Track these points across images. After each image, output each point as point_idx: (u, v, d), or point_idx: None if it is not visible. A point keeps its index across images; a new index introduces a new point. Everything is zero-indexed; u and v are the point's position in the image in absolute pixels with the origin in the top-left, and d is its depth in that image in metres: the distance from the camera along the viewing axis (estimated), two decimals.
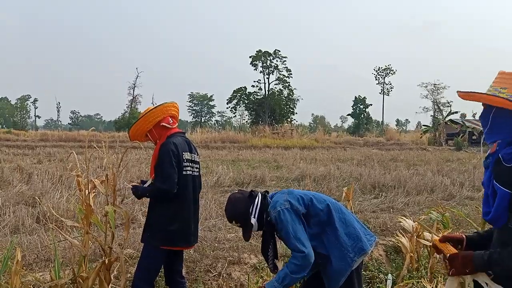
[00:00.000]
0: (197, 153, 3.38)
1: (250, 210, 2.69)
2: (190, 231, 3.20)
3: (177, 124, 3.35)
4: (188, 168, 3.19)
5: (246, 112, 58.92)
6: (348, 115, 65.87)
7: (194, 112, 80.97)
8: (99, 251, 3.75)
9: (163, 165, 3.06)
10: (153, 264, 3.14)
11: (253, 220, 2.68)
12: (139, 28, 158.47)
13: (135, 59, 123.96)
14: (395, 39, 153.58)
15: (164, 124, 3.21)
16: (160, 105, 3.28)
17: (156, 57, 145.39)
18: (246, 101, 58.34)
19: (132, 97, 54.75)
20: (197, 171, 3.31)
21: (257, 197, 2.74)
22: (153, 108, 3.25)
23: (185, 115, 78.71)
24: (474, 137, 38.20)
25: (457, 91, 1.84)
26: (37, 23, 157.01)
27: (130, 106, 53.75)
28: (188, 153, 3.23)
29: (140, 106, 52.67)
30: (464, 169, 14.05)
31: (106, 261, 3.28)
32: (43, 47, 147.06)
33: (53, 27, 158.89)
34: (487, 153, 1.89)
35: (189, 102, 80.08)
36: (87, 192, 3.28)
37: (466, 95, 1.81)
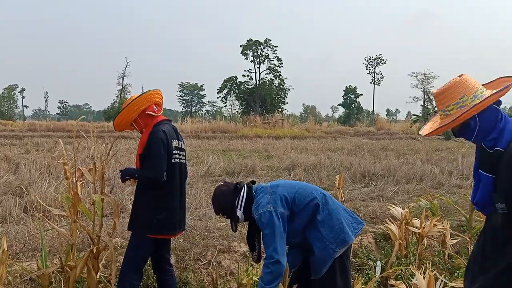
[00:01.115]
0: (183, 141, 3.35)
1: (236, 203, 2.72)
2: (176, 219, 3.18)
3: (161, 111, 3.30)
4: (176, 156, 3.16)
5: (236, 102, 58.76)
6: (339, 105, 65.93)
7: (184, 102, 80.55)
8: (87, 240, 3.72)
9: (153, 154, 3.02)
10: (141, 253, 3.12)
11: (239, 213, 2.72)
12: (129, 18, 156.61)
13: (124, 49, 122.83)
14: (387, 29, 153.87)
15: (149, 112, 3.17)
16: (144, 93, 3.23)
17: (145, 47, 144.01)
18: (237, 91, 58.10)
19: (121, 87, 54.27)
20: (184, 159, 3.29)
21: (243, 189, 2.75)
22: (137, 97, 3.20)
23: (176, 105, 78.51)
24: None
25: (425, 134, 1.93)
26: (24, 12, 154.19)
27: (119, 96, 53.24)
28: (176, 140, 3.20)
29: (129, 96, 52.11)
30: (452, 158, 14.17)
31: (94, 250, 3.26)
32: (30, 36, 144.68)
33: (40, 17, 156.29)
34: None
35: (180, 92, 79.68)
36: (74, 181, 3.24)
37: (439, 130, 1.84)
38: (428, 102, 43.52)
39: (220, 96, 59.94)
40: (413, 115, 46.35)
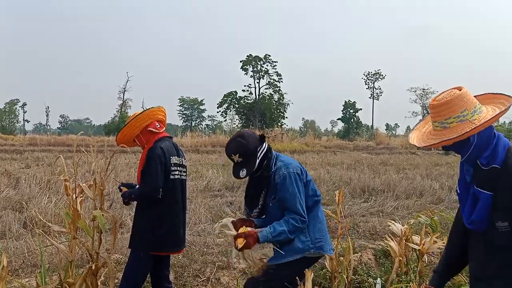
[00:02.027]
0: (184, 157, 3.37)
1: (257, 151, 2.66)
2: (178, 235, 3.19)
3: (164, 128, 3.34)
4: (176, 172, 3.18)
5: (236, 117, 58.97)
6: (338, 119, 65.99)
7: (184, 116, 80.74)
8: (86, 256, 3.70)
9: (149, 170, 3.05)
10: (140, 269, 3.12)
11: (255, 162, 2.63)
12: (131, 32, 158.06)
13: (126, 63, 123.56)
14: (386, 43, 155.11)
15: (151, 129, 3.20)
16: (147, 110, 3.28)
17: (147, 61, 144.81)
18: (237, 105, 58.40)
19: (122, 101, 54.48)
20: (184, 175, 3.30)
21: (265, 143, 2.74)
22: (139, 114, 3.24)
23: (176, 120, 78.57)
24: None
25: (423, 146, 1.90)
26: (24, 27, 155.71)
27: (120, 110, 53.42)
28: (176, 157, 3.22)
29: (130, 110, 52.36)
30: (452, 173, 14.17)
31: (93, 267, 3.24)
32: (31, 50, 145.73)
33: (41, 31, 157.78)
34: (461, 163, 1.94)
35: (180, 106, 79.95)
36: (74, 197, 3.25)
37: (443, 143, 1.79)
38: None
39: (220, 111, 60.27)
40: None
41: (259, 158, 2.66)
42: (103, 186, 3.29)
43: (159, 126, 3.26)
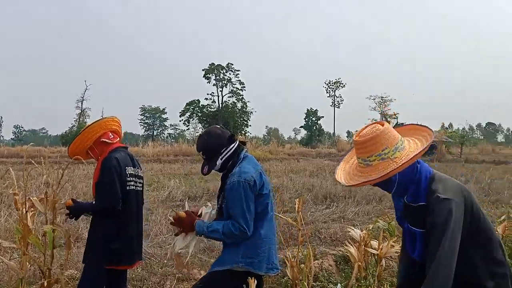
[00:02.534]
0: (141, 167, 3.29)
1: (222, 150, 2.65)
2: (134, 248, 3.10)
3: (119, 139, 3.24)
4: (132, 183, 3.10)
5: (199, 125, 58.52)
6: (301, 127, 67.08)
7: (146, 125, 79.47)
8: (39, 273, 3.54)
9: (106, 182, 2.95)
10: (95, 285, 3.00)
11: (219, 162, 2.65)
12: (90, 39, 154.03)
13: (84, 71, 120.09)
14: (346, 53, 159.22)
15: (104, 139, 3.11)
16: (99, 120, 3.17)
17: (106, 70, 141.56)
18: (200, 114, 58.13)
19: (80, 111, 52.91)
20: (140, 186, 3.22)
21: (234, 144, 2.70)
22: (91, 124, 3.14)
23: (137, 129, 77.14)
24: None
25: (347, 185, 1.91)
26: None
27: (78, 120, 51.84)
28: (132, 167, 3.14)
29: (88, 120, 50.94)
30: None
31: (45, 283, 3.10)
32: None
33: None
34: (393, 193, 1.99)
35: (141, 115, 78.64)
36: (24, 211, 3.10)
37: (364, 184, 1.83)
38: None
39: (182, 119, 59.73)
40: None
41: (223, 159, 2.65)
42: (55, 199, 3.17)
43: (112, 136, 3.17)
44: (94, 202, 3.06)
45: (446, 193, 1.80)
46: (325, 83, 69.02)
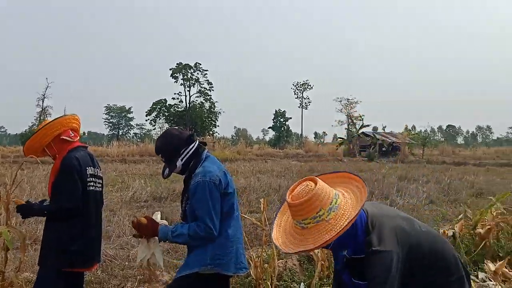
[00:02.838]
0: (100, 167, 3.18)
1: (181, 151, 2.58)
2: (93, 250, 2.99)
3: (78, 137, 3.13)
4: (92, 184, 2.99)
5: (166, 125, 57.70)
6: (269, 128, 67.41)
7: (111, 124, 77.73)
8: None
9: (67, 182, 2.84)
10: None
11: (179, 163, 2.58)
12: (53, 35, 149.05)
13: (46, 68, 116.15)
14: (314, 55, 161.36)
15: (64, 137, 2.98)
16: (60, 117, 3.05)
17: (70, 67, 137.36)
18: (167, 114, 57.37)
19: (41, 109, 51.03)
20: (99, 187, 3.12)
21: (194, 144, 2.62)
22: (51, 121, 3.02)
23: (102, 128, 75.33)
24: (384, 149, 41.19)
25: (287, 252, 1.83)
26: None
27: (38, 118, 49.98)
28: (92, 167, 3.03)
29: (50, 118, 49.15)
30: (374, 178, 14.96)
31: None
32: None
33: None
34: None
35: (106, 114, 76.86)
36: None
37: (303, 252, 1.84)
38: (351, 126, 45.90)
39: (149, 119, 58.77)
40: (339, 138, 48.72)
41: (184, 160, 2.58)
42: (8, 200, 3.02)
43: (73, 135, 3.05)
44: (52, 202, 2.91)
45: (382, 245, 1.78)
46: (293, 84, 69.71)
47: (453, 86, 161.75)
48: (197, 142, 2.67)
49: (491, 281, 3.84)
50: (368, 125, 46.23)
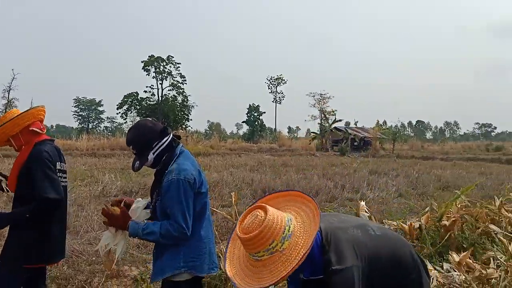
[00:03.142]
0: (65, 162, 3.09)
1: (154, 145, 2.46)
2: (58, 245, 2.90)
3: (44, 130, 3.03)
4: (60, 179, 2.90)
5: (138, 118, 56.74)
6: (243, 122, 67.38)
7: (80, 117, 75.90)
8: None
9: (45, 172, 2.73)
10: (11, 285, 2.77)
11: (151, 156, 2.47)
12: (17, 26, 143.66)
13: (12, 59, 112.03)
14: (288, 50, 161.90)
15: (34, 129, 2.88)
16: (32, 108, 2.95)
17: (37, 58, 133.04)
18: (138, 107, 56.38)
19: (7, 101, 49.29)
20: (66, 181, 3.03)
21: (168, 137, 2.52)
22: (23, 112, 2.91)
23: (70, 121, 73.60)
24: (355, 143, 41.85)
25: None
26: None
27: (4, 111, 48.26)
28: (59, 162, 2.94)
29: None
30: (346, 172, 15.20)
31: None
32: None
33: None
34: None
35: (75, 107, 74.98)
36: None
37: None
38: (324, 121, 46.37)
39: (120, 112, 57.65)
40: (312, 132, 49.12)
41: (156, 153, 2.47)
42: None
43: (42, 127, 2.96)
44: (35, 194, 2.78)
45: (342, 262, 1.73)
46: (267, 79, 69.83)
47: (422, 85, 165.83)
48: (171, 136, 2.57)
49: (455, 271, 3.95)
50: (340, 120, 46.88)
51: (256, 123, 63.12)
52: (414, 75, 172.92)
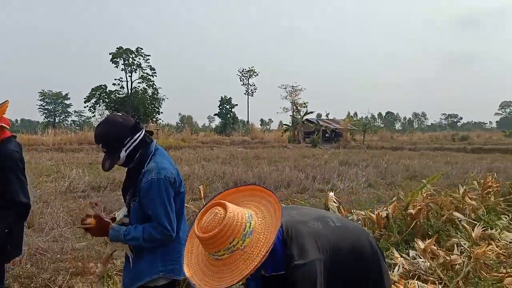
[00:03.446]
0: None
1: (126, 141, 2.26)
2: (18, 243, 2.80)
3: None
4: None
5: (106, 112, 55.47)
6: (215, 115, 66.98)
7: (46, 111, 73.62)
8: None
9: (17, 175, 2.63)
10: None
11: (123, 154, 2.27)
12: None
13: None
14: (260, 42, 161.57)
15: (3, 124, 2.74)
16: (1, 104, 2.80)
17: None
18: (107, 100, 55.11)
19: None
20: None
21: (140, 133, 2.33)
22: None
23: (36, 115, 71.29)
24: (327, 135, 42.38)
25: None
26: None
27: None
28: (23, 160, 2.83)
29: None
30: (317, 164, 15.36)
31: None
32: None
33: None
34: None
35: (41, 100, 72.62)
36: None
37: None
38: (296, 113, 46.70)
39: (88, 106, 56.21)
40: (284, 124, 49.39)
41: (128, 151, 2.28)
42: None
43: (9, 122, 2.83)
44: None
45: (304, 257, 1.70)
46: (239, 71, 69.58)
47: (389, 81, 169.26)
48: (143, 131, 2.38)
49: (421, 258, 4.05)
50: (311, 112, 47.28)
51: (228, 115, 62.89)
52: (383, 68, 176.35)
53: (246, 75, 69.18)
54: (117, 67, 55.14)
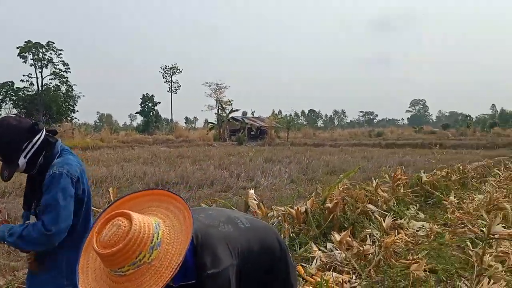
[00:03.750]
0: None
1: (24, 146, 2.02)
2: None
3: None
4: None
5: (14, 110, 51.04)
6: (137, 113, 64.63)
7: None
8: None
9: None
10: None
11: (22, 161, 2.03)
12: None
13: None
14: (182, 40, 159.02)
15: None
16: None
17: None
18: (14, 98, 50.71)
19: None
20: None
21: (40, 135, 2.08)
22: None
23: None
24: (252, 133, 42.93)
25: None
26: None
27: None
28: None
29: None
30: (242, 161, 15.44)
31: None
32: None
33: None
34: None
35: None
36: None
37: None
38: (221, 111, 46.67)
39: None
40: (209, 122, 49.16)
41: (28, 156, 2.03)
42: None
43: None
44: None
45: (217, 265, 1.62)
46: (161, 68, 67.88)
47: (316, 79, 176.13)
48: (44, 132, 2.13)
49: (337, 250, 4.18)
50: (237, 110, 47.55)
51: (151, 113, 60.99)
52: (305, 68, 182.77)
53: (169, 72, 67.72)
54: (25, 62, 50.90)
